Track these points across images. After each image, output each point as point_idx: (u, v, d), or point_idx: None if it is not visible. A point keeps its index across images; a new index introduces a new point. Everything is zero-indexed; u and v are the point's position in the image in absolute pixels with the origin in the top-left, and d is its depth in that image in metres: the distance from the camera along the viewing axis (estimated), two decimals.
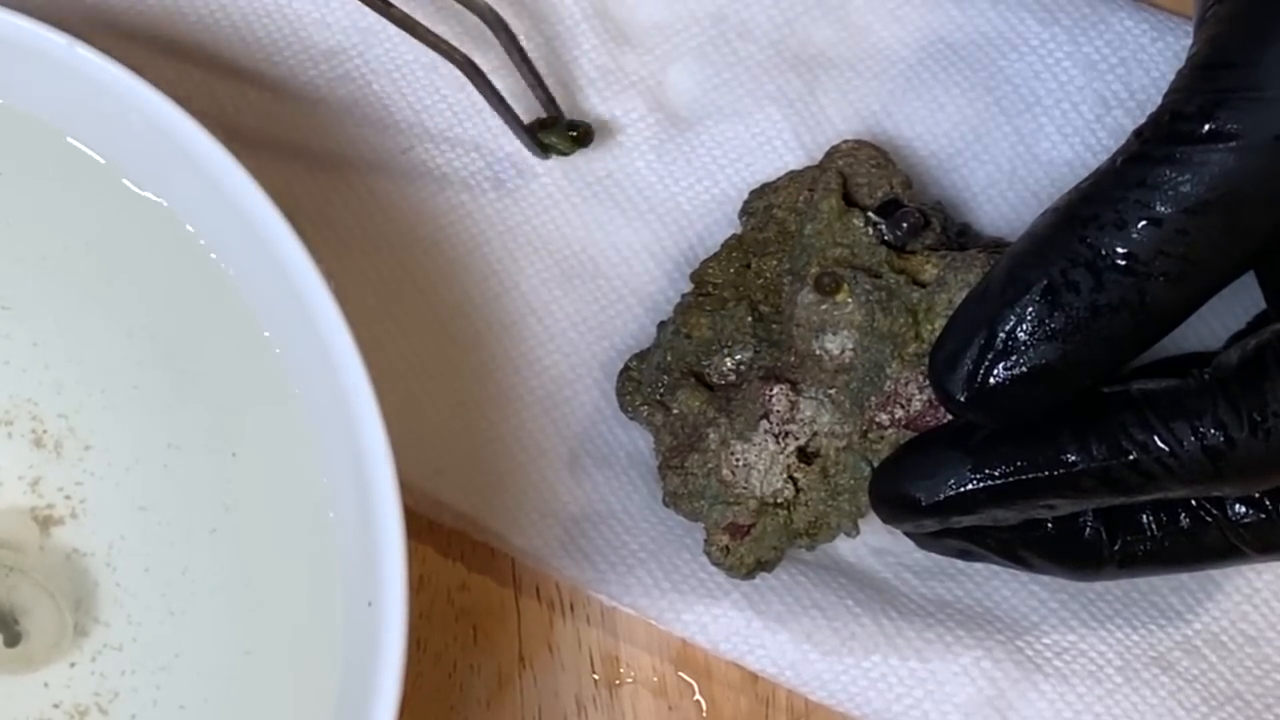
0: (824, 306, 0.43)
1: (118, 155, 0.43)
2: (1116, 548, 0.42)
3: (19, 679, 0.42)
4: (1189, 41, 0.40)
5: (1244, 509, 0.41)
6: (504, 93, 0.47)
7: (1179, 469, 0.39)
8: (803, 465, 0.43)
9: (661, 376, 0.45)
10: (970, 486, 0.41)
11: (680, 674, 0.46)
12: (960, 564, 0.46)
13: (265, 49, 0.49)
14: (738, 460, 0.43)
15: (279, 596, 0.42)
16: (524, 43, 0.48)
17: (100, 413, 0.43)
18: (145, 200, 0.43)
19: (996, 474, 0.40)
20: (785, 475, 0.43)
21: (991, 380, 0.39)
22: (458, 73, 0.48)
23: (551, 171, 0.49)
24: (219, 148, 0.41)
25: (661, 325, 0.47)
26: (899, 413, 0.43)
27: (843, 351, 0.43)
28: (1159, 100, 0.40)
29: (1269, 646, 0.46)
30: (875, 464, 0.43)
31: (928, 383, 0.42)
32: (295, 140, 0.49)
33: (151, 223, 0.43)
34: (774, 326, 0.45)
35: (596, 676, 0.46)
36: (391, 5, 0.45)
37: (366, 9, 0.46)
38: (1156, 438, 0.39)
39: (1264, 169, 0.38)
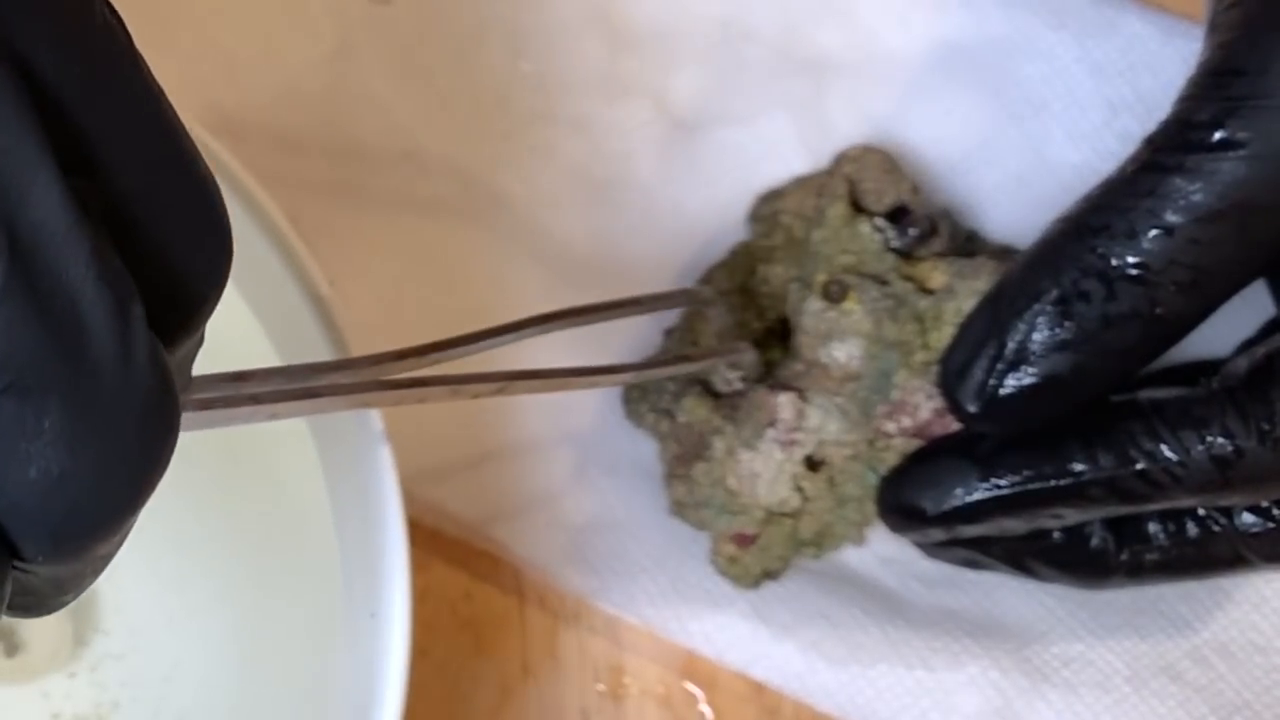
0: (831, 314, 0.43)
1: None
2: (1124, 557, 0.42)
3: (18, 689, 0.42)
4: (1198, 46, 0.40)
5: (1252, 518, 0.41)
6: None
7: (1187, 478, 0.39)
8: (809, 474, 0.43)
9: (668, 384, 0.45)
10: (978, 496, 0.41)
11: (686, 684, 0.46)
12: (968, 573, 0.45)
13: (267, 51, 0.49)
14: (744, 469, 0.43)
15: (280, 606, 0.42)
16: (526, 46, 0.47)
17: None
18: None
19: (1004, 483, 0.41)
20: (792, 484, 0.43)
21: (1002, 391, 0.39)
22: (456, 76, 0.48)
23: (555, 177, 0.49)
24: (220, 150, 0.41)
25: (668, 333, 0.46)
26: (906, 421, 0.42)
27: (850, 360, 0.42)
28: (1168, 105, 0.40)
29: (1278, 655, 0.46)
30: (882, 473, 0.43)
31: (935, 391, 0.42)
32: (297, 144, 0.49)
33: None
34: (788, 324, 0.45)
35: (601, 687, 0.46)
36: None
37: (369, 10, 0.46)
38: (1164, 447, 0.39)
39: (1274, 177, 0.38)
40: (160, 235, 0.23)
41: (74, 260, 0.21)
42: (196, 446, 0.43)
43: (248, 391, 0.33)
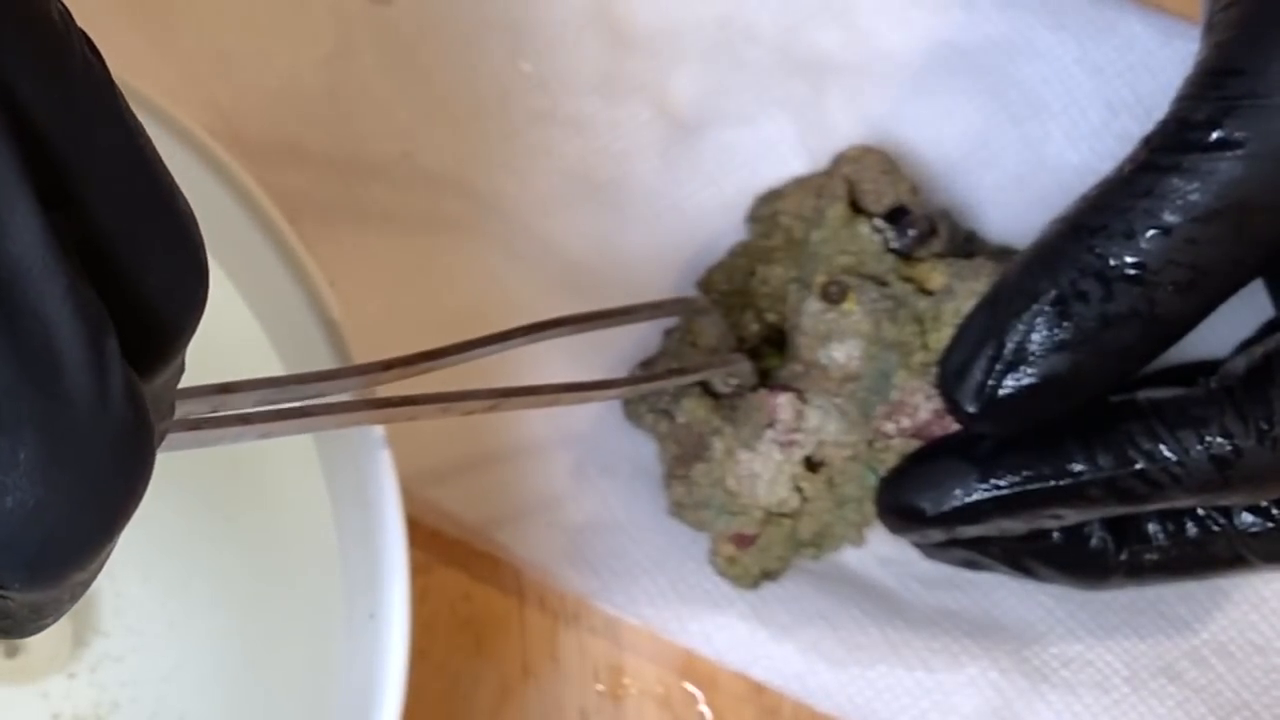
0: (830, 315, 0.43)
1: None
2: (1123, 557, 0.42)
3: (18, 690, 0.42)
4: (1197, 46, 0.40)
5: (1251, 518, 0.41)
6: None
7: (1186, 478, 0.39)
8: (809, 474, 0.43)
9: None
10: (977, 497, 0.41)
11: (685, 684, 0.46)
12: (967, 573, 0.45)
13: (266, 51, 0.49)
14: (743, 470, 0.43)
15: (280, 607, 0.42)
16: (526, 46, 0.47)
17: None
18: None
19: (1003, 484, 0.41)
20: (791, 485, 0.43)
21: (1001, 391, 0.39)
22: (456, 76, 0.48)
23: (554, 177, 0.49)
24: (220, 151, 0.41)
25: (667, 333, 0.46)
26: (905, 422, 0.42)
27: (849, 360, 0.42)
28: (1167, 106, 0.40)
29: (1277, 656, 0.46)
30: (881, 473, 0.43)
31: (934, 392, 0.42)
32: (296, 144, 0.48)
33: None
34: (783, 331, 0.45)
35: (601, 687, 0.46)
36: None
37: (369, 10, 0.46)
38: (1163, 447, 0.39)
39: (1271, 177, 0.38)
40: (137, 268, 0.23)
41: (50, 294, 0.22)
42: (196, 450, 0.43)
43: (235, 408, 0.33)
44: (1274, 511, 0.41)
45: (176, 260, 0.24)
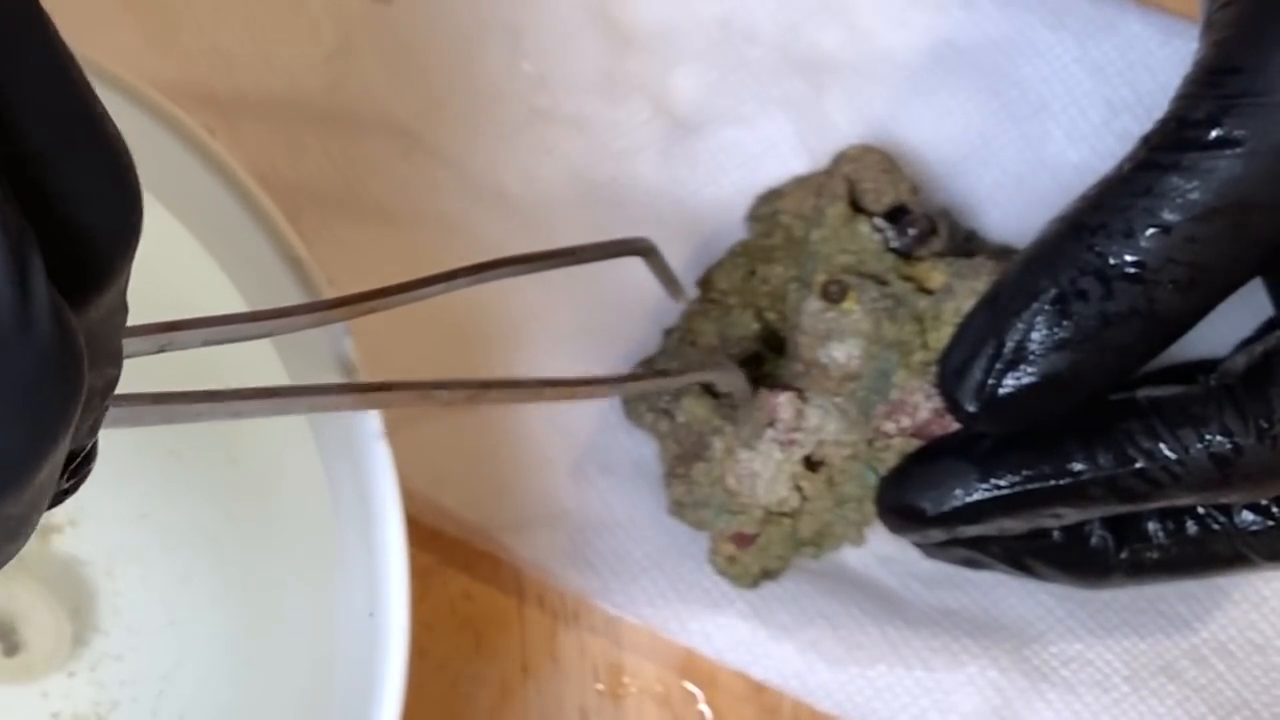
0: (830, 314, 0.42)
1: None
2: (1124, 556, 0.42)
3: (18, 688, 0.42)
4: (1196, 45, 0.40)
5: (1251, 516, 0.41)
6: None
7: (1185, 476, 0.39)
8: (808, 474, 0.43)
9: None
10: (977, 496, 0.41)
11: (685, 684, 0.46)
12: (967, 573, 0.45)
13: (266, 51, 0.49)
14: (743, 469, 0.43)
15: (279, 606, 0.42)
16: (526, 46, 0.47)
17: None
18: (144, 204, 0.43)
19: (1003, 483, 0.40)
20: (791, 484, 0.43)
21: (1001, 390, 0.39)
22: (456, 76, 0.48)
23: (554, 176, 0.48)
24: (219, 149, 0.41)
25: (667, 333, 0.46)
26: (905, 421, 0.42)
27: (849, 360, 0.42)
28: (1166, 105, 0.40)
29: (1277, 655, 0.46)
30: (881, 473, 0.43)
31: (934, 391, 0.42)
32: (296, 142, 0.48)
33: (150, 227, 0.43)
34: (780, 334, 0.45)
35: (600, 686, 0.46)
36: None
37: (369, 10, 0.46)
38: (1163, 445, 0.39)
39: (1271, 175, 0.38)
40: (67, 192, 0.23)
41: None
42: (194, 447, 0.43)
43: (184, 346, 0.32)
44: (1274, 510, 0.41)
45: (108, 184, 0.23)
